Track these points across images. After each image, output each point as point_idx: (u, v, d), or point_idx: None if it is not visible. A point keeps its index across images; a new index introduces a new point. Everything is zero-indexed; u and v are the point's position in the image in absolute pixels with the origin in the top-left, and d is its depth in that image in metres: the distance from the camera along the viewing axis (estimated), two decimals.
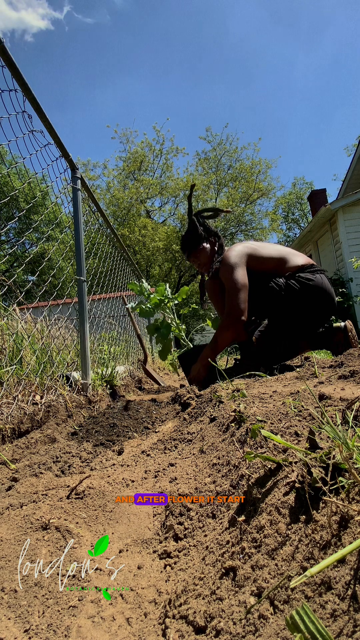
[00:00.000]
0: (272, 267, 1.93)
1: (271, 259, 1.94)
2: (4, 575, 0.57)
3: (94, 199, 2.72)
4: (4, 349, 1.74)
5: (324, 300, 1.85)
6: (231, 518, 0.55)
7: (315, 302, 1.84)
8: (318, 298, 1.83)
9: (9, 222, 9.74)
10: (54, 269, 2.25)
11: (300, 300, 1.82)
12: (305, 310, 1.85)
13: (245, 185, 20.22)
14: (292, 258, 1.95)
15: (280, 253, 1.97)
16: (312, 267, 1.91)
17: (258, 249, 1.97)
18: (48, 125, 1.84)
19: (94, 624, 0.48)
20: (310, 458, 0.48)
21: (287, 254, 1.97)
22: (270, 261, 1.94)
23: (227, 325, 1.86)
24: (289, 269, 1.91)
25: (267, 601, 0.39)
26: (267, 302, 1.87)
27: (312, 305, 1.84)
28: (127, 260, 4.41)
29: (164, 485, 0.83)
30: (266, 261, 1.94)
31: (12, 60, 1.49)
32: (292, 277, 1.87)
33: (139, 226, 18.08)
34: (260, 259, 1.93)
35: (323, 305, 1.86)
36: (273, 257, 1.94)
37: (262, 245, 2.02)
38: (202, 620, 0.43)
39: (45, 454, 1.13)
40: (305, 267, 1.90)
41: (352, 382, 0.91)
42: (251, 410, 0.81)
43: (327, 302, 1.86)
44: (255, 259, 1.93)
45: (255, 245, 2.00)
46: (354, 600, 0.31)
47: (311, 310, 1.85)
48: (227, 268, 1.87)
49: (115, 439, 1.31)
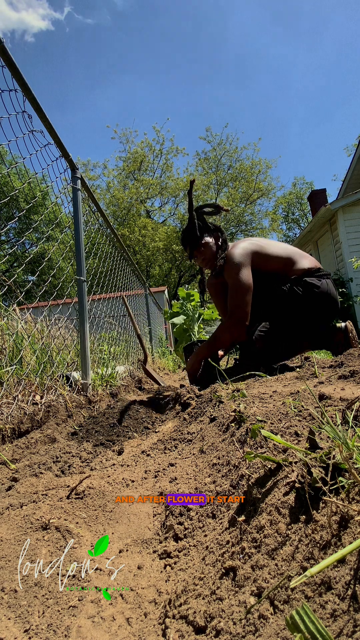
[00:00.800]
0: (278, 267, 1.86)
1: (278, 259, 1.87)
2: (4, 575, 0.57)
3: (94, 199, 2.72)
4: (4, 349, 1.74)
5: (328, 306, 1.82)
6: (231, 518, 0.55)
7: (320, 308, 1.81)
8: (323, 304, 1.80)
9: (9, 222, 9.75)
10: (54, 269, 2.24)
11: (305, 307, 1.79)
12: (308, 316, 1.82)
13: (245, 185, 20.24)
14: (299, 260, 1.88)
15: (288, 253, 1.89)
16: (319, 272, 1.86)
17: (265, 246, 1.89)
18: (48, 125, 1.84)
19: (94, 624, 0.48)
20: (310, 458, 0.48)
21: (294, 254, 1.90)
22: (276, 261, 1.86)
23: (228, 326, 1.82)
24: (295, 271, 1.85)
25: (267, 601, 0.39)
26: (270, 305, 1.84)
27: (316, 311, 1.81)
28: (127, 260, 4.41)
29: (164, 485, 0.83)
30: (272, 260, 1.86)
31: (12, 60, 1.49)
32: (298, 281, 1.81)
33: (139, 226, 18.09)
34: (266, 257, 1.86)
35: (327, 311, 1.84)
36: (280, 257, 1.87)
37: (268, 242, 1.94)
38: (202, 620, 0.43)
39: (45, 454, 1.13)
40: (312, 271, 1.85)
41: (352, 382, 0.91)
42: (251, 410, 0.81)
43: (331, 308, 1.84)
44: (261, 257, 1.85)
45: (262, 242, 1.92)
46: (354, 600, 0.31)
47: (314, 316, 1.83)
48: (233, 266, 1.80)
49: (115, 439, 1.31)
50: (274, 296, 1.81)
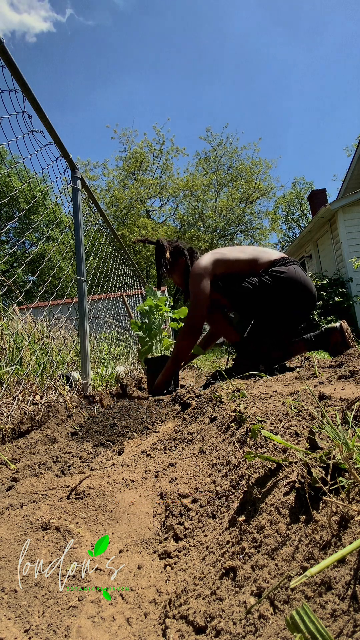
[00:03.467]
0: (243, 268, 1.98)
1: (240, 261, 1.99)
2: (4, 575, 0.56)
3: (94, 199, 2.72)
4: (4, 349, 1.74)
5: (297, 290, 1.87)
6: (231, 518, 0.55)
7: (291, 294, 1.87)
8: (293, 289, 1.86)
9: (9, 222, 9.74)
10: (54, 269, 2.25)
11: (276, 294, 1.86)
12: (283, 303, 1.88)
13: (245, 185, 20.24)
14: (263, 256, 1.99)
15: (250, 254, 2.02)
16: (284, 260, 1.94)
17: (226, 253, 2.03)
18: (48, 125, 1.84)
19: (94, 624, 0.48)
20: (310, 458, 0.48)
21: (258, 252, 2.02)
22: (239, 263, 1.99)
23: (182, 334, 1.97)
24: (261, 265, 1.95)
25: (267, 601, 0.39)
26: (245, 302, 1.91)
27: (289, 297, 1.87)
28: (127, 260, 4.41)
29: (164, 485, 0.83)
30: (235, 264, 1.99)
31: (12, 60, 1.49)
32: (265, 272, 1.91)
33: (139, 226, 18.08)
34: (228, 262, 1.99)
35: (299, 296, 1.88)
36: (241, 259, 2.00)
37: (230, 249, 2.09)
38: (202, 620, 0.43)
39: (45, 454, 1.13)
40: (277, 262, 1.94)
41: (352, 382, 0.91)
42: (251, 410, 0.81)
43: (301, 292, 1.89)
44: (223, 263, 1.98)
45: (223, 250, 2.07)
46: (354, 600, 0.31)
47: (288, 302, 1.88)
48: (193, 278, 1.96)
49: (115, 439, 1.31)
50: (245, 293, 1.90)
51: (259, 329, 1.96)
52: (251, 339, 1.96)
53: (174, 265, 2.27)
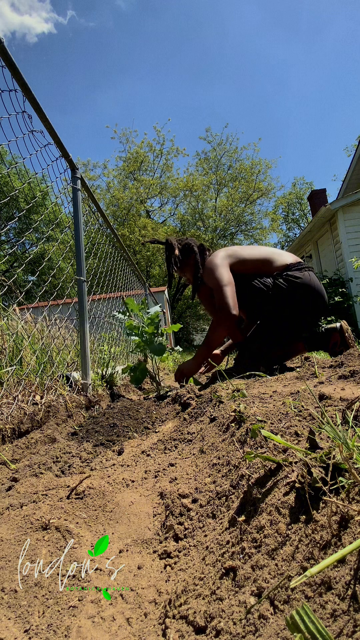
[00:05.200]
0: (256, 268, 1.95)
1: (254, 261, 1.96)
2: (4, 575, 0.56)
3: (94, 199, 2.72)
4: (4, 349, 1.74)
5: (312, 298, 1.86)
6: (231, 518, 0.55)
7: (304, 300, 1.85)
8: (306, 295, 1.84)
9: (9, 222, 9.74)
10: (54, 269, 2.24)
11: (289, 299, 1.83)
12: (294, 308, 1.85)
13: (245, 185, 20.23)
14: (278, 258, 1.95)
15: (265, 254, 1.98)
16: (300, 265, 1.92)
17: (239, 250, 1.99)
18: (48, 126, 1.84)
19: (94, 624, 0.48)
20: (310, 458, 0.48)
21: (273, 254, 1.98)
22: (253, 262, 1.96)
23: (217, 321, 1.89)
24: (276, 268, 1.92)
25: (267, 601, 0.39)
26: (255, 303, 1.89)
27: (301, 303, 1.85)
28: (127, 260, 4.41)
29: (164, 485, 0.83)
30: (248, 263, 1.96)
31: (12, 60, 1.49)
32: (280, 276, 1.88)
33: (139, 226, 18.07)
34: (242, 261, 1.95)
35: (312, 303, 1.87)
36: (256, 259, 1.96)
37: (243, 247, 2.04)
38: (202, 620, 0.43)
39: (45, 454, 1.13)
40: (292, 266, 1.91)
41: (352, 382, 0.91)
42: (251, 410, 0.81)
43: (316, 300, 1.87)
44: (236, 260, 1.95)
45: (236, 248, 2.02)
46: (354, 600, 0.31)
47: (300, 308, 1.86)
48: (209, 271, 1.91)
49: (115, 439, 1.31)
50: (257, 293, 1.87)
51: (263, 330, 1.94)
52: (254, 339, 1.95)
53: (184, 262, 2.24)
